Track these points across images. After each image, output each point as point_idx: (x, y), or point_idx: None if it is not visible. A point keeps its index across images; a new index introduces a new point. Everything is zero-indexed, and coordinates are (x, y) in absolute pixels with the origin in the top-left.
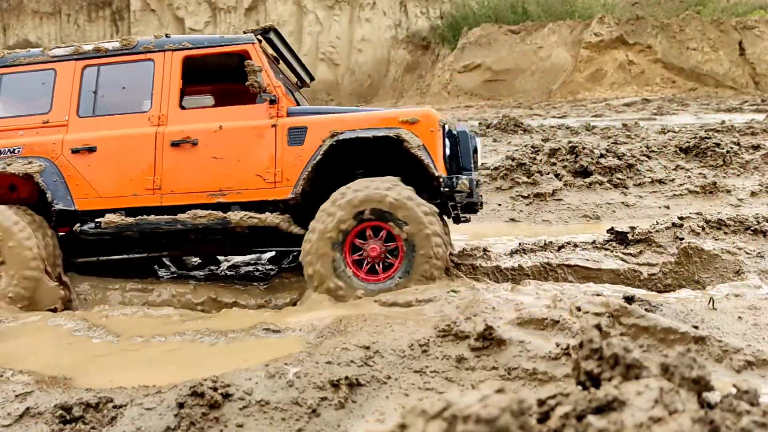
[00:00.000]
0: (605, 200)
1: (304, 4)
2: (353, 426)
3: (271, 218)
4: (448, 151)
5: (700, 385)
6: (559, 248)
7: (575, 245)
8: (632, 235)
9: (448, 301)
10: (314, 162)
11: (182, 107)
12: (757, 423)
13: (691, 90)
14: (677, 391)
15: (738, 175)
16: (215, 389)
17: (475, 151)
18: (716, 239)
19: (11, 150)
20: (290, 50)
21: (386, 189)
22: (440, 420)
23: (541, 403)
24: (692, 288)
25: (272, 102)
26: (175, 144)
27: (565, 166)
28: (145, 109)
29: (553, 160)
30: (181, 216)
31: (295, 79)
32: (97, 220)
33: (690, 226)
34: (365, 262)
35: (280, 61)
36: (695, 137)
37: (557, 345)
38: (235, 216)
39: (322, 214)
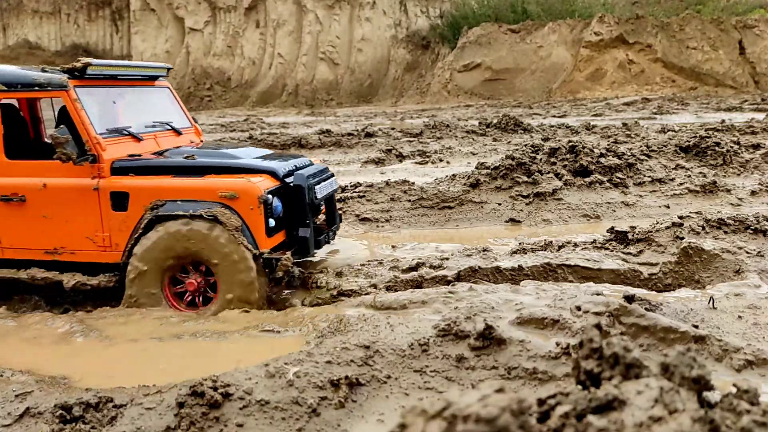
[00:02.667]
0: (605, 200)
1: (304, 3)
2: (353, 425)
3: (104, 282)
4: (279, 212)
5: (700, 385)
6: (559, 248)
7: (575, 245)
8: (632, 235)
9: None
10: (137, 235)
11: (8, 157)
12: (758, 422)
13: (691, 89)
14: (677, 390)
15: (738, 175)
16: (215, 389)
17: (313, 201)
18: (716, 239)
19: None
20: (121, 64)
21: (184, 225)
22: (440, 419)
23: (541, 402)
24: (692, 287)
25: (92, 162)
26: (4, 199)
27: (565, 166)
28: None
29: (553, 159)
30: (21, 274)
31: (145, 79)
32: None
33: (690, 226)
34: (187, 293)
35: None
36: (695, 136)
37: (557, 344)
38: (68, 282)
39: (137, 264)
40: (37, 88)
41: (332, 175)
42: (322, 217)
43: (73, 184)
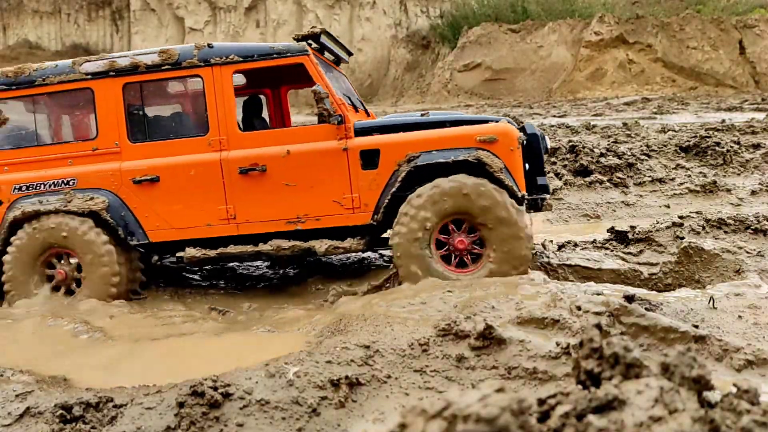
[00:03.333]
0: (605, 199)
1: (304, 3)
2: (353, 425)
3: (354, 245)
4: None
5: (700, 385)
6: (560, 248)
7: (575, 244)
8: (632, 235)
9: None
10: (393, 190)
11: (241, 129)
12: (758, 422)
13: (691, 89)
14: (677, 390)
15: (738, 174)
16: (215, 389)
17: (546, 151)
18: (716, 238)
19: (65, 182)
20: (333, 38)
21: (463, 181)
22: (440, 419)
23: (541, 402)
24: (692, 287)
25: (339, 123)
26: (243, 171)
27: (565, 165)
28: (202, 133)
29: (553, 159)
30: (264, 247)
31: (335, 60)
32: (178, 255)
33: (690, 226)
34: (453, 256)
35: (334, 52)
36: (695, 136)
37: (557, 344)
38: (320, 247)
39: (404, 218)
40: (275, 56)
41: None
42: None
43: (321, 148)
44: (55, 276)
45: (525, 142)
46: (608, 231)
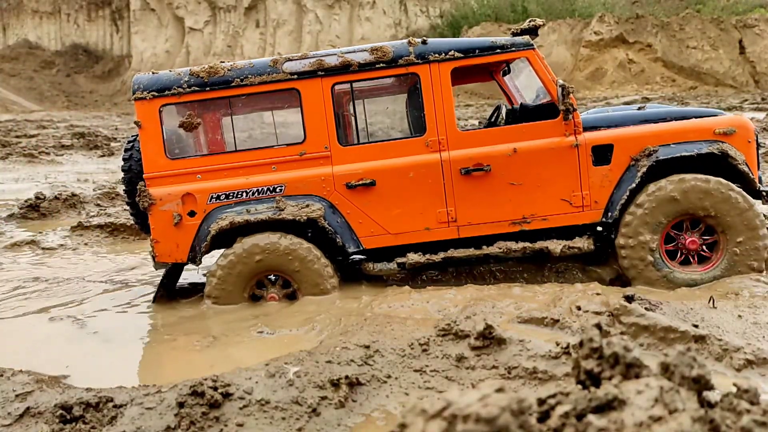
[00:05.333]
0: None
1: (303, 3)
2: (353, 425)
3: (587, 245)
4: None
5: (700, 384)
6: None
7: None
8: None
9: None
10: (632, 185)
11: (461, 128)
12: (758, 422)
13: (691, 88)
14: (677, 390)
15: None
16: (215, 389)
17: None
18: None
19: (271, 188)
20: None
21: (704, 182)
22: (440, 419)
23: (541, 402)
24: (692, 287)
25: (566, 118)
26: (466, 172)
27: None
28: (419, 133)
29: None
30: (492, 250)
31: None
32: (398, 260)
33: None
34: (679, 252)
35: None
36: None
37: (557, 344)
38: (555, 247)
39: (635, 221)
40: (498, 51)
41: None
42: None
43: (550, 144)
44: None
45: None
46: None
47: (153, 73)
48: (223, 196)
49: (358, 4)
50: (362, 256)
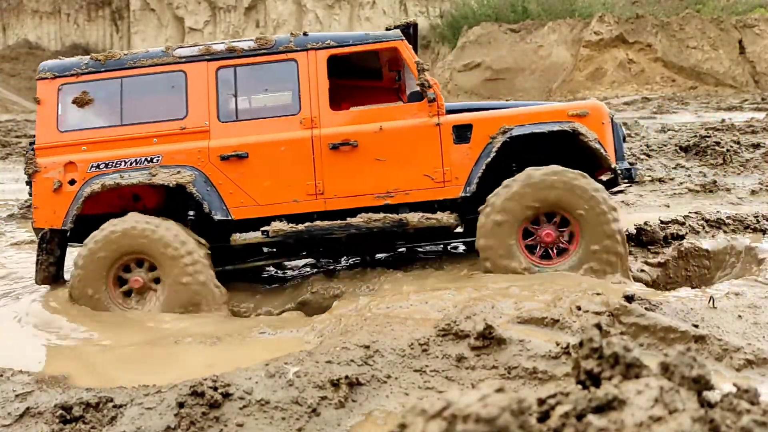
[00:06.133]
0: None
1: (303, 3)
2: (353, 425)
3: (446, 218)
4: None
5: (700, 384)
6: None
7: None
8: (633, 234)
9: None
10: (488, 160)
11: (332, 108)
12: (757, 422)
13: (691, 88)
14: (677, 390)
15: (738, 174)
16: (215, 389)
17: (624, 139)
18: (716, 238)
19: (148, 159)
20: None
21: (553, 174)
22: (440, 419)
23: (541, 402)
24: (692, 287)
25: (431, 100)
26: (334, 147)
27: None
28: (294, 112)
29: None
30: (353, 220)
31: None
32: (263, 229)
33: (690, 225)
34: (538, 247)
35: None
36: (695, 136)
37: (557, 344)
38: (412, 218)
39: (490, 210)
40: (370, 41)
41: None
42: None
43: (413, 123)
44: None
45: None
46: None
47: (60, 58)
48: (103, 165)
49: (358, 4)
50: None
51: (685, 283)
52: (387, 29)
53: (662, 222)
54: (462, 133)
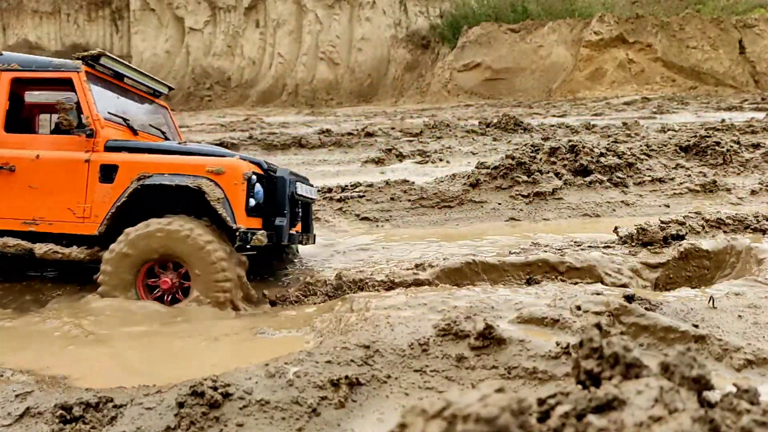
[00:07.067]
0: (605, 199)
1: (303, 3)
2: (353, 425)
3: (75, 253)
4: (261, 197)
5: (700, 384)
6: (560, 247)
7: (577, 244)
8: (632, 234)
9: None
10: (119, 203)
11: (7, 131)
12: (758, 422)
13: (691, 88)
14: (677, 390)
15: (738, 174)
16: (215, 389)
17: (293, 195)
18: (716, 238)
19: None
20: (132, 68)
21: (167, 224)
22: (440, 419)
23: (541, 402)
24: (692, 287)
25: (89, 136)
26: None
27: (565, 165)
28: None
29: (553, 159)
30: None
31: (148, 91)
32: None
33: (690, 225)
34: (159, 289)
35: (125, 78)
36: (695, 136)
37: (557, 344)
38: (40, 249)
39: (112, 255)
40: (51, 69)
41: (312, 186)
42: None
43: (66, 157)
44: None
45: (253, 180)
46: (614, 231)
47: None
48: None
49: (358, 4)
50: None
51: (685, 283)
52: (75, 58)
53: (662, 222)
54: (108, 173)
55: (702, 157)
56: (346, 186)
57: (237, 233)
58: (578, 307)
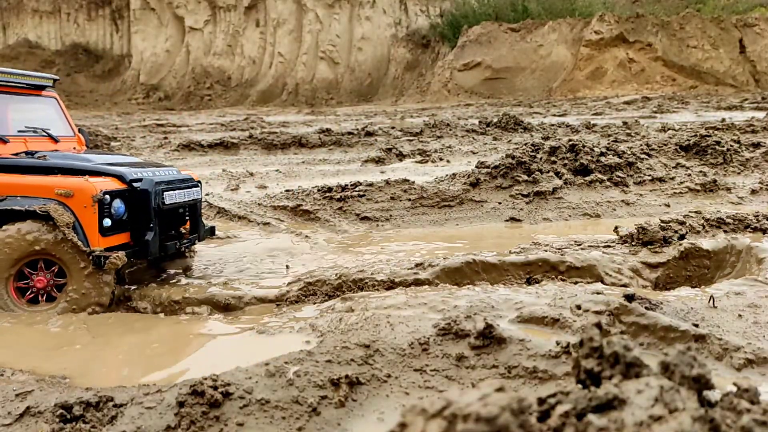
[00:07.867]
0: (605, 198)
1: (304, 2)
2: (353, 425)
3: None
4: (121, 213)
5: (700, 384)
6: (560, 247)
7: (577, 243)
8: (633, 233)
9: None
10: None
11: None
12: (758, 421)
13: (691, 88)
14: (677, 389)
15: (738, 173)
16: (215, 388)
17: (159, 206)
18: (716, 237)
19: None
20: (2, 71)
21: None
22: (440, 419)
23: (541, 401)
24: (692, 286)
25: None
26: None
27: (565, 165)
28: None
29: (553, 158)
30: None
31: (29, 87)
32: None
33: (690, 225)
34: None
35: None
36: (695, 135)
37: (557, 343)
38: None
39: None
40: None
41: (197, 185)
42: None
43: None
44: None
45: (106, 200)
46: (614, 231)
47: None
48: None
49: (358, 3)
50: None
51: (686, 283)
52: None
53: (662, 221)
54: None
55: (702, 157)
56: (346, 185)
57: (90, 257)
58: (578, 307)
